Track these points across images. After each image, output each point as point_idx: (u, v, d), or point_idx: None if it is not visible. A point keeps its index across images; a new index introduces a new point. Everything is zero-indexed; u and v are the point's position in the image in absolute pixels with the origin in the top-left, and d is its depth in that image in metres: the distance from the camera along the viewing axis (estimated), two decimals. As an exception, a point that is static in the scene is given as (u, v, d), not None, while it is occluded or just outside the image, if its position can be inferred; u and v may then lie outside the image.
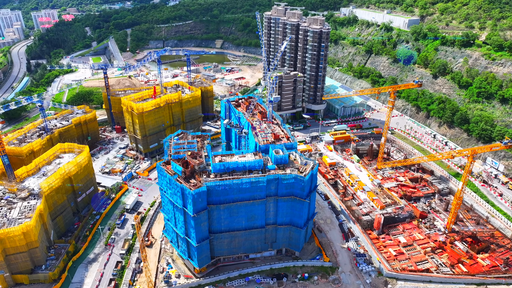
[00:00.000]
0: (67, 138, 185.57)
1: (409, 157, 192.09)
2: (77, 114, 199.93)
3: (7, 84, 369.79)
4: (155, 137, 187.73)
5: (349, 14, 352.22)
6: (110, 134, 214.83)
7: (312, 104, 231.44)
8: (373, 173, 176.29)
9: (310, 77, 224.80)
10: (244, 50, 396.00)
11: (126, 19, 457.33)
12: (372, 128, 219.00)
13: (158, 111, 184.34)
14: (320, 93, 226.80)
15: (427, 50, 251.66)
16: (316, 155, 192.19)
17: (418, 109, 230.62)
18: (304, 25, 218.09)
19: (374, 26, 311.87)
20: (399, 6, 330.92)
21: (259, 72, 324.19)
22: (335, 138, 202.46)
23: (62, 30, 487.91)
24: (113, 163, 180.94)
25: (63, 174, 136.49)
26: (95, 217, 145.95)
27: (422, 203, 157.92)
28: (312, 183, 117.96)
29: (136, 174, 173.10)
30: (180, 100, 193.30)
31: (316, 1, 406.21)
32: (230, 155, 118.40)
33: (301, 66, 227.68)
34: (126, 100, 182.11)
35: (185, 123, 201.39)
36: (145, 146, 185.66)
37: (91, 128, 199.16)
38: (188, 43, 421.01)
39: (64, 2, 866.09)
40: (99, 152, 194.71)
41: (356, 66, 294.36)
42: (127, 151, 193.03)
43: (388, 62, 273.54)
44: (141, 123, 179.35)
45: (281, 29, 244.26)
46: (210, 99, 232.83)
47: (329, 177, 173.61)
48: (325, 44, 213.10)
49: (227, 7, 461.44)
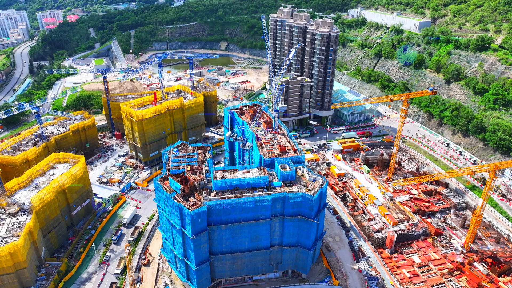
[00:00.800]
0: (64, 146, 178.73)
1: (422, 167, 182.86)
2: (75, 120, 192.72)
3: (9, 86, 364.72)
4: (156, 145, 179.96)
5: (357, 16, 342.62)
6: (110, 141, 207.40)
7: (320, 110, 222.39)
8: (384, 185, 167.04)
9: (317, 82, 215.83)
10: (249, 52, 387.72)
11: (130, 20, 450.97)
12: (382, 136, 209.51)
13: (159, 118, 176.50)
14: (328, 99, 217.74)
15: (440, 54, 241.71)
16: (323, 165, 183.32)
17: (431, 116, 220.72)
18: (312, 28, 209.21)
19: (384, 28, 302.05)
20: (409, 8, 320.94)
21: (265, 75, 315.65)
22: (344, 146, 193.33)
23: (65, 31, 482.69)
24: (111, 172, 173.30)
25: (56, 187, 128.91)
26: (90, 231, 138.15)
27: (437, 218, 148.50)
28: (321, 202, 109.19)
29: (135, 184, 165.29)
30: (182, 106, 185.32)
31: (323, 2, 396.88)
32: (232, 170, 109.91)
33: (308, 70, 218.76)
34: (125, 106, 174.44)
35: (187, 130, 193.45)
36: (145, 155, 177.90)
37: (90, 134, 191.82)
38: (192, 44, 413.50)
39: (69, 3, 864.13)
40: (98, 160, 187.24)
41: (364, 70, 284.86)
42: (127, 159, 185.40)
43: (398, 66, 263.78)
44: (140, 131, 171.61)
45: (287, 32, 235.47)
46: (214, 104, 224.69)
47: (338, 189, 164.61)
48: (334, 48, 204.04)
49: (232, 8, 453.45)
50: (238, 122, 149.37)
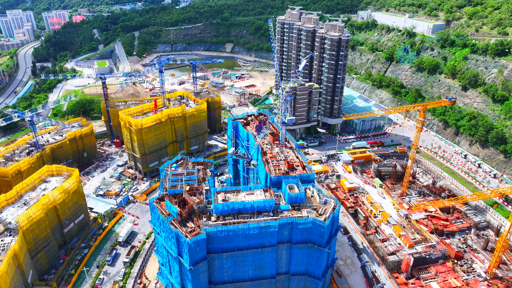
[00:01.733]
0: (60, 155, 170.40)
1: (438, 181, 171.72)
2: (72, 127, 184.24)
3: (11, 88, 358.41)
4: (156, 155, 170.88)
5: (367, 18, 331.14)
6: (109, 149, 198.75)
7: (329, 118, 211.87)
8: (398, 200, 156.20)
9: (326, 89, 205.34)
10: (255, 55, 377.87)
11: (134, 22, 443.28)
12: (395, 146, 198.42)
13: (159, 126, 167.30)
14: (337, 106, 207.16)
15: (455, 58, 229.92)
16: (333, 177, 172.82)
17: (446, 125, 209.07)
18: (321, 32, 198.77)
19: (395, 31, 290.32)
20: (422, 10, 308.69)
21: (271, 79, 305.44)
22: (354, 157, 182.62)
23: (69, 32, 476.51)
24: (108, 184, 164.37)
25: (47, 204, 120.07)
26: (83, 251, 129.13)
27: (457, 239, 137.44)
28: (333, 227, 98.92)
29: (133, 197, 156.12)
30: (183, 114, 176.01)
31: (332, 3, 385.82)
32: (235, 191, 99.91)
33: (317, 76, 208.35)
34: (124, 114, 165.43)
35: (189, 139, 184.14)
36: (144, 165, 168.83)
37: (87, 143, 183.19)
38: (197, 46, 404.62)
39: (75, 3, 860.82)
40: (95, 169, 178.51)
41: (375, 75, 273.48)
42: (125, 170, 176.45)
43: (410, 71, 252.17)
44: (139, 140, 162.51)
45: (295, 35, 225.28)
46: (218, 110, 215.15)
47: (349, 204, 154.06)
48: (344, 53, 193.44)
49: (238, 9, 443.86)
50: (243, 134, 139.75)
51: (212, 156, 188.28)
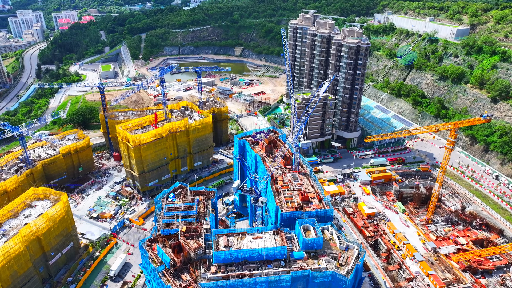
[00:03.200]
0: (53, 171, 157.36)
1: (467, 205, 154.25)
2: (68, 140, 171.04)
3: (14, 91, 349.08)
4: (156, 173, 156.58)
5: (384, 21, 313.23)
6: (107, 163, 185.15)
7: (344, 131, 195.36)
8: (423, 229, 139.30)
9: (342, 100, 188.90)
10: (265, 59, 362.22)
11: (141, 23, 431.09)
12: (418, 164, 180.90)
13: (160, 142, 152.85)
14: (354, 119, 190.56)
15: (483, 67, 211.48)
16: (350, 200, 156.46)
17: (473, 140, 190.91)
18: (338, 38, 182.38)
19: (415, 36, 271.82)
20: (443, 13, 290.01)
21: (282, 86, 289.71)
22: (373, 177, 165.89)
23: (76, 34, 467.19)
24: (104, 205, 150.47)
25: (29, 235, 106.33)
26: (69, 286, 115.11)
27: (494, 279, 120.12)
28: (357, 280, 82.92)
29: (129, 221, 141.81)
30: (186, 128, 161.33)
31: (346, 6, 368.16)
32: (241, 234, 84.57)
33: (332, 86, 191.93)
34: (121, 129, 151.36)
35: (193, 154, 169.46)
36: (142, 184, 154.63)
37: (83, 157, 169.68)
38: (205, 49, 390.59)
39: (86, 3, 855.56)
40: (91, 187, 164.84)
41: (393, 82, 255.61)
42: (123, 188, 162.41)
43: (432, 80, 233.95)
44: (138, 158, 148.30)
45: (309, 41, 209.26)
46: (224, 122, 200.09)
47: (368, 234, 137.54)
48: (363, 61, 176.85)
49: (248, 11, 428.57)
50: (250, 155, 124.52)
51: (217, 173, 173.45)
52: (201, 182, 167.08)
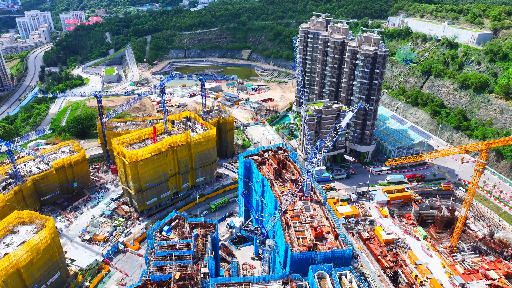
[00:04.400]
0: (44, 187, 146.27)
1: (495, 231, 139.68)
2: (62, 153, 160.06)
3: (17, 95, 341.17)
4: (154, 190, 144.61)
5: (399, 25, 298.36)
6: (104, 176, 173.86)
7: (358, 145, 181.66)
8: (448, 259, 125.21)
9: (357, 111, 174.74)
10: (273, 63, 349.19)
11: (147, 25, 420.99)
12: (438, 182, 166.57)
13: (159, 158, 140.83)
14: (369, 132, 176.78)
15: (508, 75, 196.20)
16: (365, 223, 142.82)
17: (500, 156, 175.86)
18: (353, 45, 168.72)
19: (433, 40, 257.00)
20: (463, 16, 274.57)
21: (291, 92, 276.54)
22: (391, 197, 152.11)
23: (81, 35, 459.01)
24: (97, 225, 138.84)
25: (7, 268, 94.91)
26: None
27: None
28: None
29: (124, 245, 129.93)
30: (188, 142, 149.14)
31: (359, 8, 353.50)
32: (244, 284, 71.87)
33: (346, 96, 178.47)
34: (117, 143, 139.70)
35: (195, 169, 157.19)
36: (140, 203, 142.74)
37: (78, 171, 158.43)
38: (212, 53, 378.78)
39: (94, 3, 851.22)
40: (85, 204, 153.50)
41: (410, 90, 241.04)
42: (119, 206, 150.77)
43: (452, 88, 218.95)
44: (134, 175, 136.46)
45: (321, 47, 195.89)
46: (230, 133, 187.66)
47: (386, 264, 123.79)
48: (381, 70, 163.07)
49: (256, 13, 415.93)
50: (257, 177, 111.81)
51: (221, 190, 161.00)
52: (204, 200, 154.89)
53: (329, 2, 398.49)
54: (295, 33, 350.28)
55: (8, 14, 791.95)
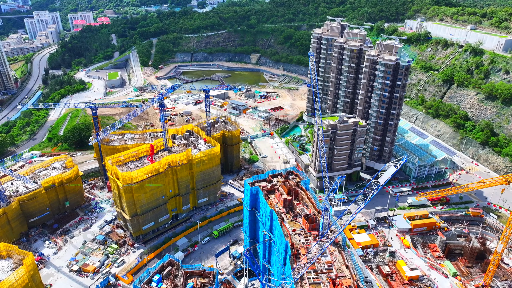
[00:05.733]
0: (32, 208, 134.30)
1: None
2: (53, 169, 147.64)
3: (19, 99, 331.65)
4: (151, 214, 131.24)
5: (417, 29, 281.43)
6: (100, 193, 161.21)
7: (376, 162, 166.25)
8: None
9: (375, 126, 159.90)
10: (283, 68, 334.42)
11: (153, 27, 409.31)
12: (466, 206, 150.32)
13: (156, 179, 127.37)
14: (388, 148, 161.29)
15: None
16: (385, 254, 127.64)
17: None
18: (371, 54, 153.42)
19: (455, 46, 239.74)
20: (486, 20, 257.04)
21: (301, 100, 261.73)
22: (414, 225, 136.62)
23: (86, 37, 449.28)
24: (88, 253, 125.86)
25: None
26: None
27: None
28: None
29: (116, 279, 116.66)
30: (189, 161, 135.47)
31: (374, 11, 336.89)
32: None
33: (363, 109, 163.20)
34: (110, 163, 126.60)
35: (197, 190, 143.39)
36: (135, 228, 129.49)
37: (71, 190, 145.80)
38: (219, 56, 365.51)
39: (102, 4, 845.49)
40: (77, 226, 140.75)
41: (429, 100, 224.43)
42: (113, 229, 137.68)
43: (477, 99, 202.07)
44: (129, 199, 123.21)
45: (335, 54, 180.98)
46: (236, 147, 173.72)
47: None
48: (403, 82, 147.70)
49: (266, 15, 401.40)
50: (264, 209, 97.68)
51: (226, 213, 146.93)
52: (206, 223, 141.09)
53: (342, 4, 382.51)
54: (306, 37, 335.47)
55: (18, 14, 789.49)
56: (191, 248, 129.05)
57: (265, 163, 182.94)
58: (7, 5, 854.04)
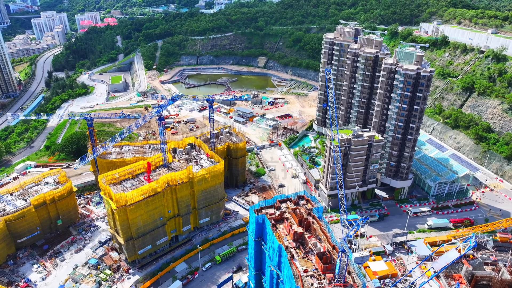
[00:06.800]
0: (21, 228, 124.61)
1: None
2: (46, 184, 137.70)
3: (21, 102, 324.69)
4: (148, 237, 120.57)
5: (433, 32, 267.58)
6: (96, 209, 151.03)
7: (392, 179, 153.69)
8: None
9: (392, 141, 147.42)
10: (292, 72, 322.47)
11: (159, 29, 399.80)
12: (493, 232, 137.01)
13: (154, 200, 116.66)
14: (406, 165, 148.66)
15: None
16: (405, 286, 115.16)
17: None
18: (389, 62, 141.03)
19: (475, 51, 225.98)
20: (508, 24, 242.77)
21: (311, 107, 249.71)
22: (436, 252, 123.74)
23: (91, 39, 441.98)
24: (79, 280, 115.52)
25: None
26: None
27: None
28: None
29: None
30: (190, 179, 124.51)
31: (387, 13, 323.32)
32: None
33: (379, 121, 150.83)
34: (104, 181, 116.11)
35: (199, 210, 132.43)
36: (130, 252, 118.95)
37: (64, 207, 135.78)
38: (225, 59, 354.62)
39: (110, 4, 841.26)
40: (69, 247, 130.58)
41: (448, 109, 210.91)
42: (108, 252, 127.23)
43: (500, 109, 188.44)
44: (123, 221, 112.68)
45: (349, 62, 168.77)
46: (241, 160, 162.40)
47: None
48: (424, 94, 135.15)
49: (274, 17, 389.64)
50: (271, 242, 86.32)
51: (229, 234, 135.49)
52: (208, 246, 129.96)
53: (353, 6, 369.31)
54: (316, 40, 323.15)
55: (26, 14, 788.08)
56: (190, 275, 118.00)
57: (273, 177, 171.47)
58: (16, 5, 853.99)
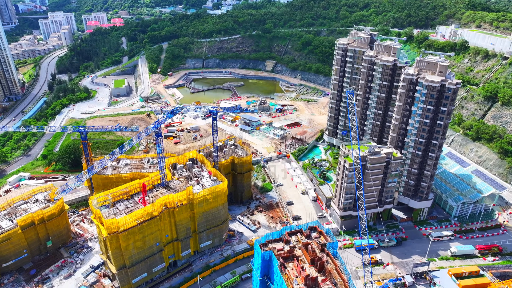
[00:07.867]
0: (7, 251, 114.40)
1: None
2: (35, 202, 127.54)
3: (22, 105, 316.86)
4: (143, 265, 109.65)
5: (450, 36, 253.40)
6: (90, 227, 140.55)
7: (411, 199, 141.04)
8: None
9: (412, 158, 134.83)
10: (301, 76, 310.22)
11: (164, 31, 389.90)
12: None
13: (149, 224, 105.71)
14: (427, 184, 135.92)
15: None
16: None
17: None
18: (410, 73, 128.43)
19: (498, 57, 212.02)
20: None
21: (321, 115, 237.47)
22: (462, 286, 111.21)
23: (96, 40, 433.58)
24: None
25: None
26: None
27: None
28: None
29: None
30: (190, 201, 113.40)
31: (401, 15, 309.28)
32: None
33: (397, 136, 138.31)
34: (94, 204, 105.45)
35: (199, 233, 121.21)
36: (123, 282, 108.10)
37: (54, 227, 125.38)
38: (232, 63, 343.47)
39: (117, 4, 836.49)
40: (59, 272, 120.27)
41: (469, 120, 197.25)
42: (100, 278, 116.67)
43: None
44: (115, 249, 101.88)
45: (364, 70, 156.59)
46: (247, 175, 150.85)
47: None
48: (449, 108, 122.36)
49: (283, 19, 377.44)
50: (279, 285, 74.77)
51: (232, 260, 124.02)
52: (209, 273, 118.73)
53: (365, 8, 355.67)
54: (326, 43, 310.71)
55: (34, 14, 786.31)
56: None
57: (280, 193, 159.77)
58: (25, 5, 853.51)
